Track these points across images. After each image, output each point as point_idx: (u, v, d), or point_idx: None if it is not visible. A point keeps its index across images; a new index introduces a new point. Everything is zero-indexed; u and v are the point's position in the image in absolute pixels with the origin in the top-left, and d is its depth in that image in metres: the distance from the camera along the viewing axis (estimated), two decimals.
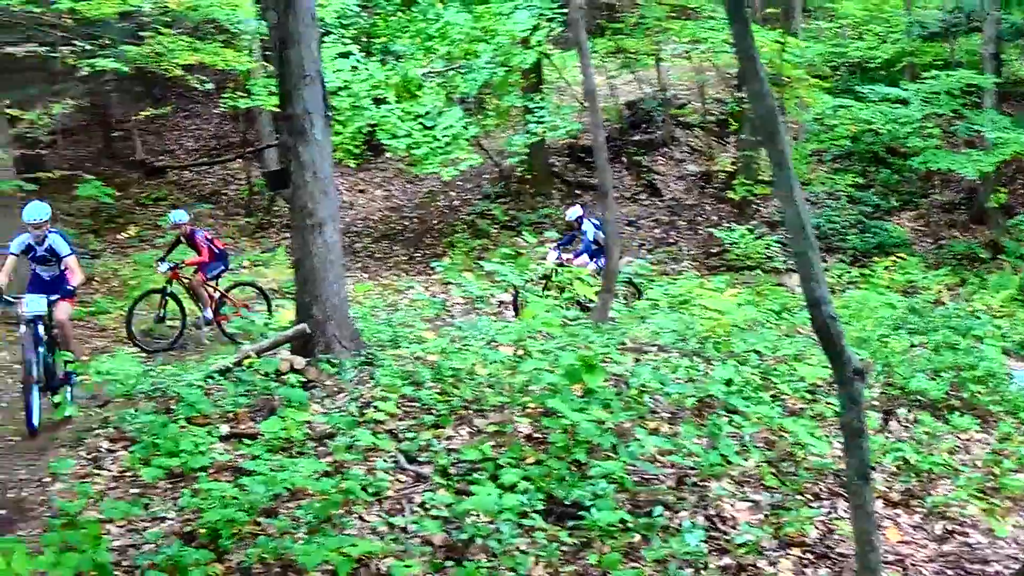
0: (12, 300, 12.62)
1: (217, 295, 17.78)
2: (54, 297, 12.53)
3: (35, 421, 11.66)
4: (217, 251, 17.74)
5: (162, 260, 17.86)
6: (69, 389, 12.43)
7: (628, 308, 17.03)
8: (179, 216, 17.76)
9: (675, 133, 29.85)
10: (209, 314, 17.47)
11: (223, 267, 18.01)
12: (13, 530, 8.62)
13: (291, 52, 11.05)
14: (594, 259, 19.28)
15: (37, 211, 12.73)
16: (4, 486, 10.24)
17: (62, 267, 12.84)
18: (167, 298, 17.45)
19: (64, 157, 27.64)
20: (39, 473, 10.31)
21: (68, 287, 12.65)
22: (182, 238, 17.69)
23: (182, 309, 17.51)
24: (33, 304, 12.23)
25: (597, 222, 19.65)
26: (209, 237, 17.97)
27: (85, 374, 12.36)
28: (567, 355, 9.53)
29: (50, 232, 12.95)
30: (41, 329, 12.36)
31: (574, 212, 20.12)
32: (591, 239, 19.46)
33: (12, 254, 13.04)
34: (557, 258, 19.44)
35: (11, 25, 22.88)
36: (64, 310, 12.73)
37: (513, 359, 10.30)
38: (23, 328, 12.22)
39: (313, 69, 11.10)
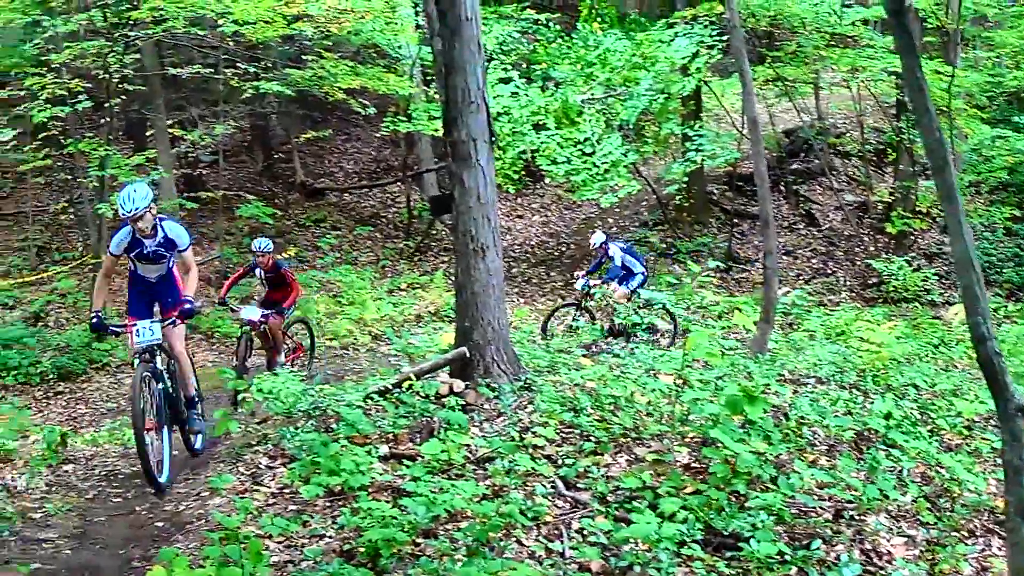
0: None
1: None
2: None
3: (158, 474, 10.54)
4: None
5: (232, 300, 16.80)
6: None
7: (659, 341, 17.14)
8: (265, 244, 16.40)
9: (833, 162, 29.54)
10: (283, 359, 16.27)
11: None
12: (171, 543, 8.78)
13: (456, 78, 11.11)
14: (623, 283, 19.56)
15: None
16: (163, 499, 10.47)
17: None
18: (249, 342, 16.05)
19: (224, 177, 28.09)
20: (197, 487, 10.50)
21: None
22: (260, 270, 16.36)
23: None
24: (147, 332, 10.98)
25: (624, 246, 20.22)
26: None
27: (247, 391, 12.52)
28: (729, 385, 9.49)
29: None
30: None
31: (598, 239, 20.09)
32: (619, 264, 19.62)
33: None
34: (586, 284, 19.57)
35: (175, 47, 23.41)
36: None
37: (673, 388, 10.25)
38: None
39: (478, 96, 11.15)
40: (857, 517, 8.31)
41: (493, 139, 11.49)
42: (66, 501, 10.59)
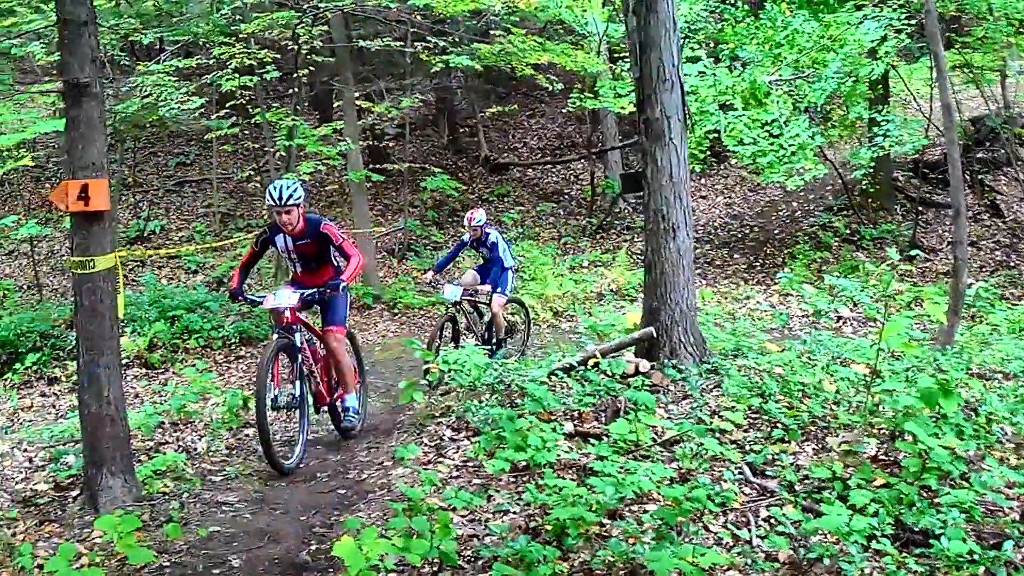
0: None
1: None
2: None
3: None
4: None
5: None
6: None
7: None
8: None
9: (1019, 152, 28.76)
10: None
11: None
12: (353, 512, 8.81)
13: (651, 55, 10.98)
14: (499, 288, 16.02)
15: None
16: (345, 467, 10.52)
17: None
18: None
19: (409, 151, 28.27)
20: (380, 456, 10.55)
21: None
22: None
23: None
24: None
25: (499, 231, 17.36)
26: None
27: (432, 363, 12.53)
28: (922, 378, 9.26)
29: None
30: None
31: (479, 217, 16.30)
32: (500, 254, 16.20)
33: None
34: (455, 294, 15.54)
35: (363, 19, 23.56)
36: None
37: (862, 377, 10.03)
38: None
39: (672, 73, 11.00)
40: None
41: (687, 117, 11.33)
42: (246, 465, 10.74)
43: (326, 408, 11.71)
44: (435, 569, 6.89)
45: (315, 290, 11.03)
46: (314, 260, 11.44)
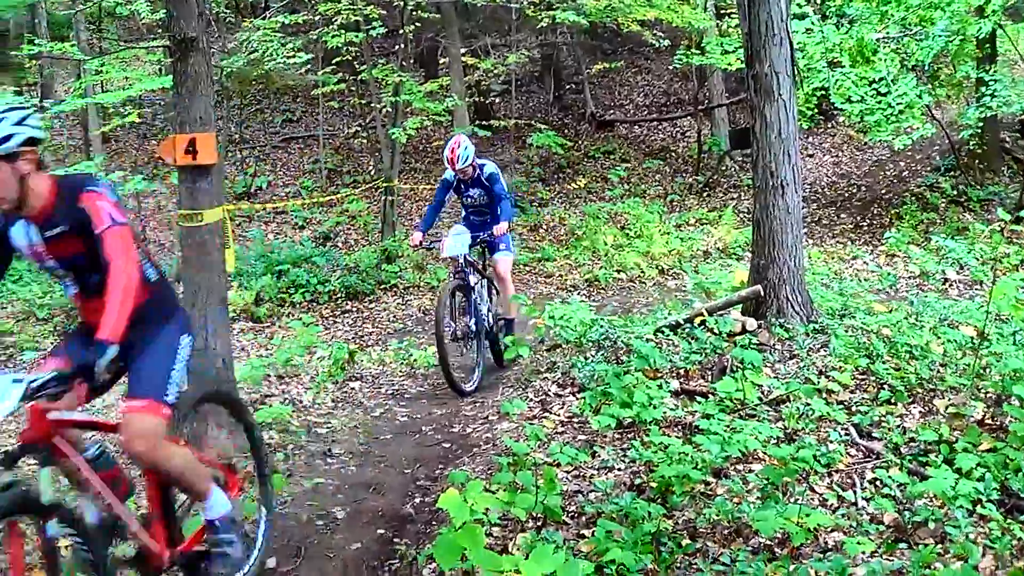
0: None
1: None
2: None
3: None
4: None
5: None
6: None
7: None
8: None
9: None
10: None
11: None
12: (458, 465, 8.88)
13: (759, 10, 10.85)
14: (503, 244, 12.82)
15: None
16: (450, 421, 10.58)
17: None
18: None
19: (515, 107, 28.26)
20: (485, 411, 10.59)
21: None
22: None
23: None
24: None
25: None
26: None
27: (538, 317, 12.54)
28: None
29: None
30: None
31: (465, 150, 12.34)
32: (502, 193, 12.60)
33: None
34: (464, 245, 12.21)
35: None
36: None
37: (971, 340, 9.91)
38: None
39: (781, 28, 10.87)
40: None
41: (795, 74, 11.21)
42: (351, 418, 10.86)
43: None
44: (539, 524, 6.91)
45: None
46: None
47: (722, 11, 25.57)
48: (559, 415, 9.52)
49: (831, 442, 8.08)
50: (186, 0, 8.77)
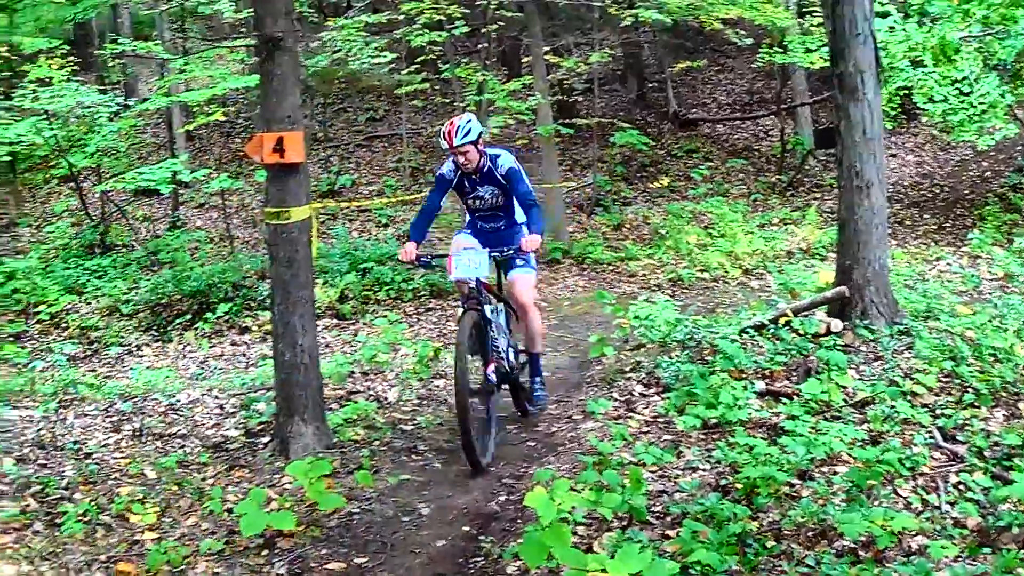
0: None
1: None
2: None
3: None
4: None
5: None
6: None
7: None
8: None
9: None
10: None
11: None
12: (543, 464, 8.93)
13: (843, 8, 10.81)
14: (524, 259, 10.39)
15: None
16: (535, 420, 10.62)
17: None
18: None
19: (598, 106, 28.23)
20: (569, 410, 10.62)
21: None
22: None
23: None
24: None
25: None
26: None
27: (622, 316, 12.55)
28: None
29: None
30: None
31: (468, 128, 9.79)
32: (525, 191, 9.99)
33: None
34: (478, 267, 9.78)
35: None
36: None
37: None
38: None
39: (866, 27, 10.82)
40: None
41: (880, 72, 11.15)
42: (436, 415, 10.90)
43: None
44: (624, 523, 6.95)
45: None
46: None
47: (804, 9, 25.41)
48: (644, 415, 9.56)
49: (915, 445, 8.08)
50: (273, 0, 8.89)
